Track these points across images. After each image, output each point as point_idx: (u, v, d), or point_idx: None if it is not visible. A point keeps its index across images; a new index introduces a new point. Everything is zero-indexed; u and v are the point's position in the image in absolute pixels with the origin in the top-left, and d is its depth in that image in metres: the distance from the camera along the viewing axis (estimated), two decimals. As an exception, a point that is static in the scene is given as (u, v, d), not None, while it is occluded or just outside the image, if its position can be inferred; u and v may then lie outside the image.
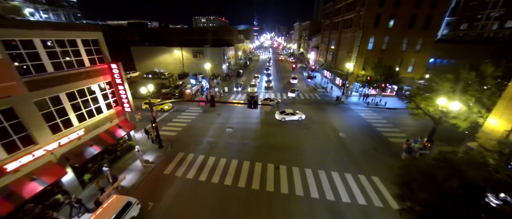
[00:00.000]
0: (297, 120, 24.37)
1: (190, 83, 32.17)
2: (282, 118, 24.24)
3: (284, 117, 24.26)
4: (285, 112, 24.66)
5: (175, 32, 64.08)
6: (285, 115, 24.36)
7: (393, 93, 33.52)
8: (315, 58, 60.67)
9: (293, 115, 24.36)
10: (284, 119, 24.27)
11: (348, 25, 35.28)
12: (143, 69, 52.45)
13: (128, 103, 15.47)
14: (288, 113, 24.51)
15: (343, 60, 37.25)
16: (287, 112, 24.62)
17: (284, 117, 24.26)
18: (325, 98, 34.02)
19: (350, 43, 34.26)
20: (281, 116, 24.31)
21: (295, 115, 24.34)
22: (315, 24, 70.93)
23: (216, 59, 49.00)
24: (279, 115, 24.54)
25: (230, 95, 34.99)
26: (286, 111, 24.81)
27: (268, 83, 40.19)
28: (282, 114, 24.50)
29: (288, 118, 24.30)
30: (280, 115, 24.43)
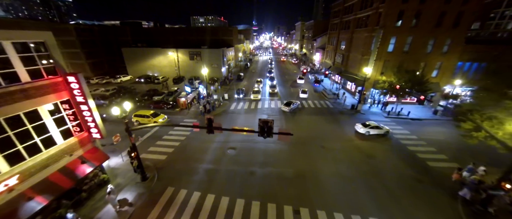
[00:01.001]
0: (382, 135, 21.00)
1: (185, 91, 28.12)
2: (367, 132, 20.77)
3: (368, 131, 20.78)
4: (369, 125, 21.08)
5: (171, 32, 59.99)
6: (370, 128, 20.81)
7: (414, 100, 29.78)
8: (320, 59, 56.91)
9: (377, 128, 20.85)
10: (368, 133, 20.82)
11: (363, 24, 31.49)
12: (136, 73, 48.37)
13: (97, 128, 11.47)
14: (373, 126, 20.96)
15: (356, 63, 33.47)
16: (372, 125, 21.05)
17: (368, 131, 20.78)
18: (337, 106, 30.17)
19: (364, 44, 30.47)
20: (365, 130, 20.80)
21: (380, 129, 20.81)
22: (319, 23, 67.17)
23: (214, 61, 45.03)
24: (362, 128, 21.04)
25: (230, 103, 31.02)
26: (370, 124, 21.26)
27: (272, 88, 36.24)
28: (365, 127, 20.92)
29: (374, 132, 20.83)
30: (363, 128, 20.91)
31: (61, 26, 48.31)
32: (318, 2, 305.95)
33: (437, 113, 26.64)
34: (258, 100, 31.81)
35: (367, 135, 20.94)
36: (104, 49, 54.37)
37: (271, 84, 38.38)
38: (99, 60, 53.35)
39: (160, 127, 23.32)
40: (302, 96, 34.00)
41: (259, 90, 33.71)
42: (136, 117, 24.01)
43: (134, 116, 24.03)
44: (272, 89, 35.89)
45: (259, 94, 32.25)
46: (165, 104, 28.92)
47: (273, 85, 37.50)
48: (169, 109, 28.66)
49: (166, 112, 27.30)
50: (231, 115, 26.49)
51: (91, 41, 51.04)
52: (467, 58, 27.00)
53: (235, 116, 25.97)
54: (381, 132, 20.96)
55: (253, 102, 31.30)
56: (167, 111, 28.07)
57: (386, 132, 21.06)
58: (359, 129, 21.35)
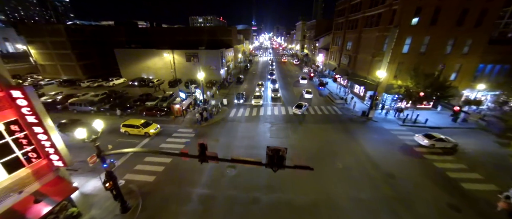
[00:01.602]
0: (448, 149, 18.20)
1: (179, 97, 25.56)
2: (431, 144, 18.12)
3: (433, 144, 18.06)
4: (434, 136, 18.42)
5: (168, 32, 57.43)
6: (436, 140, 18.13)
7: (429, 105, 27.37)
8: (323, 60, 54.49)
9: (443, 141, 18.14)
10: (433, 146, 18.20)
11: (373, 22, 29.05)
12: (129, 75, 45.77)
13: (57, 153, 8.94)
14: (439, 138, 18.31)
15: (365, 65, 31.04)
16: (437, 137, 18.40)
17: (433, 144, 18.06)
18: (346, 112, 27.68)
19: (375, 45, 28.03)
20: (429, 142, 18.16)
21: (446, 142, 18.14)
22: (322, 23, 64.79)
23: (213, 63, 42.50)
24: (426, 140, 18.33)
25: (230, 109, 28.48)
26: (435, 135, 18.63)
27: (275, 92, 33.69)
28: (430, 139, 18.24)
29: (439, 145, 18.18)
30: (428, 140, 18.20)
31: (52, 26, 45.61)
32: (318, 1, 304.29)
33: (457, 120, 24.22)
34: (260, 105, 29.27)
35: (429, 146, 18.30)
36: (97, 50, 51.73)
37: (273, 88, 35.82)
38: (92, 61, 50.72)
39: (150, 139, 20.75)
40: (307, 97, 33.10)
41: (260, 94, 31.17)
42: (124, 128, 21.44)
43: (123, 126, 21.47)
44: (274, 93, 33.35)
45: (260, 99, 29.73)
46: (159, 111, 26.37)
47: (276, 89, 34.96)
48: (162, 116, 26.13)
49: (160, 120, 24.76)
50: (231, 124, 23.95)
51: (83, 41, 48.40)
52: (491, 59, 24.60)
53: (235, 126, 23.43)
54: (447, 146, 18.19)
55: (255, 108, 28.79)
56: (160, 118, 25.55)
57: (453, 145, 18.16)
58: (422, 141, 18.70)
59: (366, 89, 30.18)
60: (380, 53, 26.97)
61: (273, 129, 22.41)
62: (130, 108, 27.66)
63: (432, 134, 18.87)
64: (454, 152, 17.95)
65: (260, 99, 29.73)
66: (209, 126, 23.60)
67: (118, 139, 20.71)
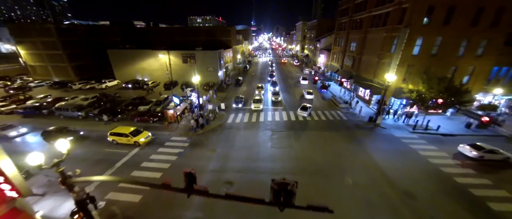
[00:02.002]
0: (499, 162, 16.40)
1: (173, 101, 23.77)
2: (480, 156, 16.37)
3: (482, 156, 16.34)
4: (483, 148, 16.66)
5: (165, 32, 55.64)
6: (485, 152, 16.41)
7: (439, 110, 25.75)
8: (325, 62, 52.89)
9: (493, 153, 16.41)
10: (482, 158, 16.41)
11: (380, 22, 27.44)
12: (124, 77, 43.92)
13: (9, 183, 7.15)
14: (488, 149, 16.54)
15: (371, 67, 29.42)
16: (487, 148, 16.61)
17: (482, 156, 16.34)
18: (351, 117, 26.01)
19: (383, 46, 26.41)
20: (477, 154, 16.42)
21: (497, 154, 16.46)
22: (323, 23, 63.20)
23: (210, 64, 40.74)
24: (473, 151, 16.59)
25: (228, 115, 26.73)
26: (484, 146, 16.84)
27: (275, 96, 31.96)
28: (479, 150, 16.50)
29: (489, 157, 16.43)
30: (476, 152, 16.51)
31: (41, 25, 43.66)
32: (317, 2, 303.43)
33: (470, 126, 22.63)
34: (260, 110, 27.54)
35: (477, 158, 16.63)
36: (91, 51, 49.80)
37: (273, 91, 34.03)
38: (85, 62, 48.73)
39: (140, 149, 18.96)
40: (308, 97, 33.03)
41: (260, 98, 29.38)
42: (112, 136, 19.64)
43: (110, 135, 19.67)
44: (275, 97, 31.53)
45: (260, 104, 27.97)
46: (151, 117, 24.56)
47: (276, 92, 33.08)
48: (155, 122, 24.34)
49: (152, 127, 23.00)
50: (228, 131, 22.20)
51: (76, 42, 46.43)
52: (507, 61, 23.04)
53: (233, 134, 21.66)
54: (498, 158, 16.51)
55: (254, 113, 27.05)
56: (153, 125, 23.77)
57: (506, 158, 16.49)
58: (469, 152, 17.00)
59: (372, 93, 28.54)
60: (388, 54, 25.36)
61: (275, 137, 20.68)
62: (121, 113, 25.85)
63: (481, 145, 17.06)
64: (508, 166, 16.10)
65: (260, 103, 27.96)
66: (205, 133, 21.84)
67: (105, 149, 18.91)
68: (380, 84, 26.53)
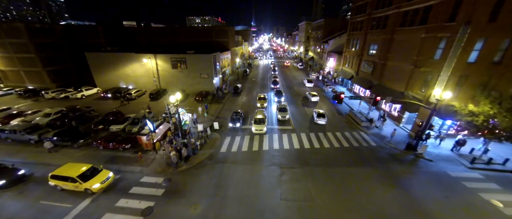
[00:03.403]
0: None
1: (147, 126, 17.82)
2: None
3: None
4: None
5: (156, 33, 49.99)
6: None
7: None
8: (334, 66, 47.11)
9: None
10: None
11: (415, 20, 21.63)
12: (106, 84, 38.15)
13: None
14: None
15: (400, 76, 23.63)
16: None
17: None
18: (380, 142, 20.19)
19: (421, 50, 20.62)
20: None
21: None
22: (331, 22, 57.51)
23: (204, 70, 34.96)
24: None
25: (222, 138, 20.91)
26: None
27: (282, 113, 24.93)
28: None
29: None
30: None
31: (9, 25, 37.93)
32: (318, 2, 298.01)
33: (547, 158, 16.83)
34: (263, 133, 21.71)
35: None
36: (71, 54, 44.12)
37: (279, 106, 27.11)
38: (64, 67, 43.05)
39: (91, 201, 13.11)
40: (313, 100, 31.73)
41: (263, 116, 23.16)
42: (54, 180, 13.83)
43: (51, 179, 13.86)
44: (282, 114, 24.92)
45: (263, 126, 21.63)
46: (123, 143, 18.74)
47: (283, 107, 26.28)
48: (128, 149, 18.57)
49: (121, 159, 17.27)
50: (221, 167, 16.36)
51: (52, 44, 40.79)
52: None
53: (227, 172, 15.82)
54: None
55: (256, 136, 21.19)
56: (123, 154, 18.01)
57: None
58: None
59: (403, 109, 22.74)
60: (430, 62, 19.55)
61: (285, 179, 14.87)
62: (84, 137, 20.04)
63: None
64: None
65: (263, 125, 21.74)
66: (190, 170, 16.04)
67: (41, 200, 13.13)
68: (417, 99, 20.76)
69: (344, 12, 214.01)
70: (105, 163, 16.94)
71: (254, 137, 20.72)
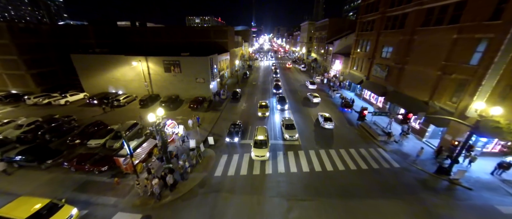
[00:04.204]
0: None
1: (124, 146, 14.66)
2: None
3: None
4: None
5: (151, 33, 47.09)
6: None
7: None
8: (341, 69, 44.05)
9: None
10: None
11: (443, 18, 18.58)
12: (93, 88, 35.13)
13: None
14: None
15: (424, 83, 20.55)
16: None
17: None
18: (403, 163, 17.12)
19: (452, 54, 17.57)
20: None
21: None
22: (336, 22, 54.48)
23: (200, 73, 31.91)
24: None
25: (218, 156, 17.85)
26: None
27: (290, 132, 20.36)
28: None
29: None
30: None
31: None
32: (319, 2, 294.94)
33: None
34: (266, 160, 16.96)
35: None
36: (59, 55, 41.18)
37: (285, 121, 22.10)
38: (51, 69, 40.11)
39: None
40: (315, 101, 31.55)
41: (265, 137, 18.14)
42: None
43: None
44: (290, 133, 20.11)
45: (266, 150, 16.81)
46: (99, 165, 15.69)
47: (290, 125, 21.32)
48: (106, 172, 15.54)
49: (95, 185, 14.24)
50: (215, 198, 13.29)
51: (37, 45, 37.87)
52: None
53: (222, 206, 12.71)
54: None
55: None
56: (98, 179, 14.99)
57: None
58: None
59: (428, 121, 19.66)
60: (464, 68, 16.49)
61: (294, 217, 11.81)
62: (56, 155, 17.00)
63: None
64: None
65: (265, 149, 16.92)
66: (175, 203, 13.00)
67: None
68: (446, 111, 17.69)
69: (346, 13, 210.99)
70: (73, 191, 13.94)
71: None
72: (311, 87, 40.09)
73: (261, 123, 23.65)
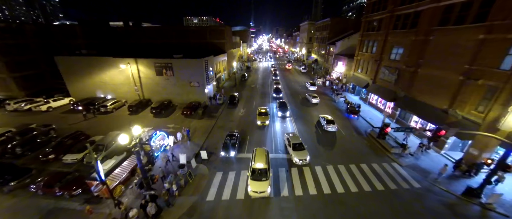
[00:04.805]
0: None
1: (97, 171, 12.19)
2: None
3: None
4: None
5: (143, 34, 44.69)
6: None
7: None
8: (344, 71, 41.96)
9: None
10: None
11: (466, 17, 16.47)
12: (80, 93, 32.64)
13: None
14: None
15: (441, 89, 18.46)
16: None
17: None
18: (424, 181, 14.97)
19: (476, 57, 15.48)
20: None
21: None
22: (338, 22, 52.41)
23: (194, 77, 29.59)
24: None
25: (212, 173, 15.58)
26: None
27: (300, 153, 16.66)
28: None
29: None
30: None
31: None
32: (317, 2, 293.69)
33: None
34: (266, 196, 13.19)
35: None
36: (47, 57, 38.65)
37: (292, 139, 17.89)
38: (36, 72, 37.60)
39: None
40: (314, 101, 31.57)
41: (265, 164, 14.18)
42: None
43: None
44: (301, 157, 16.34)
45: (266, 183, 13.14)
46: (71, 187, 13.35)
47: (299, 144, 17.43)
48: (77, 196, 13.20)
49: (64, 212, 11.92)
50: (206, 232, 11.04)
51: (21, 46, 35.38)
52: None
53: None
54: None
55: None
56: (69, 204, 12.65)
57: None
58: None
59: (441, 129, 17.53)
60: (493, 72, 14.38)
61: (303, 261, 9.56)
62: (20, 176, 14.59)
63: None
64: None
65: (265, 181, 13.21)
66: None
67: None
68: (471, 122, 15.57)
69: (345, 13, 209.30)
70: (36, 222, 11.59)
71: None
72: (311, 88, 39.21)
73: (260, 135, 21.40)
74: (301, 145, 17.55)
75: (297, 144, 17.56)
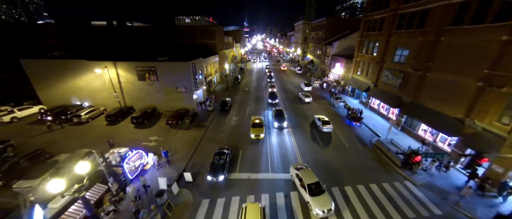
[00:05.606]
0: None
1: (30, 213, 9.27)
2: None
3: None
4: None
5: (129, 34, 41.23)
6: None
7: None
8: (342, 73, 40.07)
9: None
10: None
11: (487, 15, 14.58)
12: (52, 100, 29.10)
13: None
14: None
15: (457, 94, 16.57)
16: None
17: None
18: (444, 206, 12.92)
19: (499, 60, 13.60)
20: None
21: None
22: (335, 21, 50.61)
23: (181, 82, 26.74)
24: None
25: (196, 202, 12.97)
26: None
27: (320, 200, 11.94)
28: None
29: None
30: None
31: None
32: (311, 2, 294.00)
33: None
34: None
35: None
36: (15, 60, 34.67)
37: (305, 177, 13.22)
38: (2, 77, 33.71)
39: None
40: (307, 101, 32.21)
41: (259, 213, 10.60)
42: None
43: None
44: (321, 205, 11.68)
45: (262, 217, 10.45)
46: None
47: (316, 184, 12.75)
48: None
49: None
50: None
51: (-17, 47, 31.47)
52: None
53: None
54: None
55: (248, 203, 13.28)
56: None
57: None
58: None
59: (464, 145, 15.61)
60: (520, 79, 12.50)
61: None
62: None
63: None
64: None
65: (260, 216, 10.45)
66: None
67: None
68: (493, 134, 13.65)
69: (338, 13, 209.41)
70: None
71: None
72: (306, 89, 39.28)
73: (254, 150, 18.89)
74: (319, 185, 12.72)
75: (314, 184, 12.62)
